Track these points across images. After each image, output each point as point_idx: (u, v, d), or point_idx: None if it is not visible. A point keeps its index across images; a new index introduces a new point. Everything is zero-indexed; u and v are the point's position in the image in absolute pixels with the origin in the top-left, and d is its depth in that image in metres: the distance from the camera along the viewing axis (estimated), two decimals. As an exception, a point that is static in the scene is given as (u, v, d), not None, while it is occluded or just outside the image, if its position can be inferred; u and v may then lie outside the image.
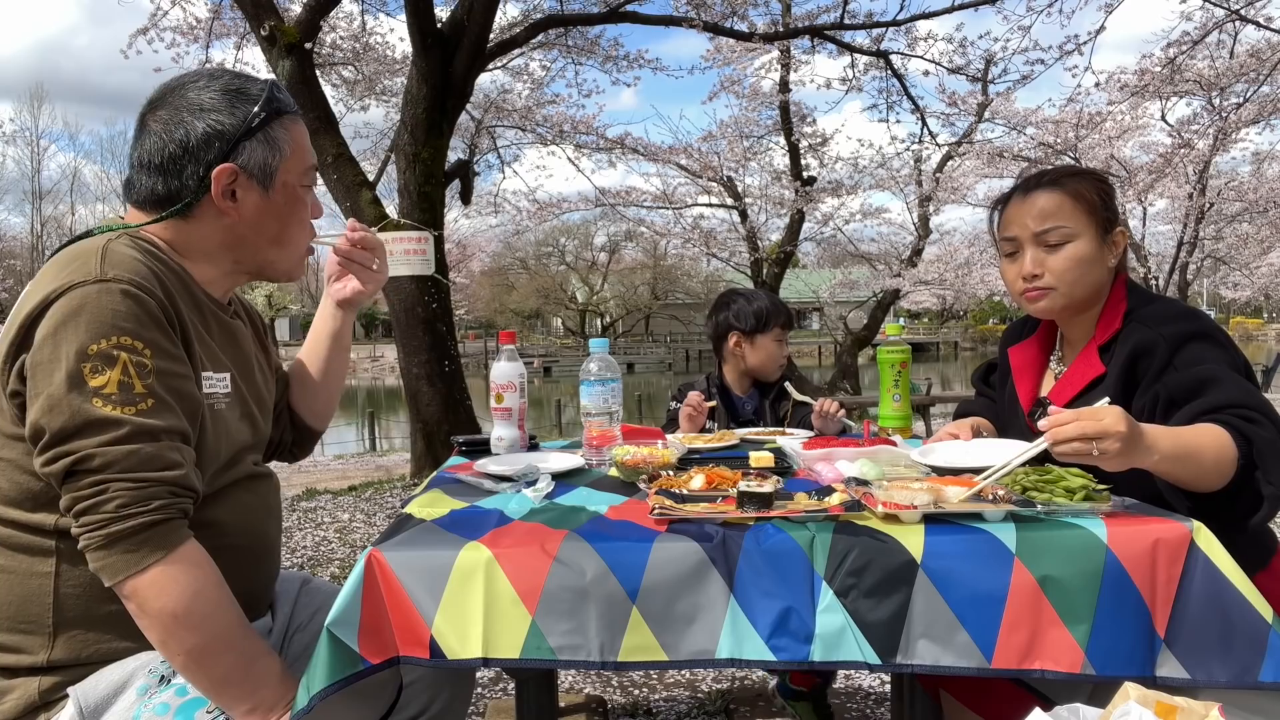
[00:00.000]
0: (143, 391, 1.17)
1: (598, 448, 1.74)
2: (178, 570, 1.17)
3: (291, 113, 1.38)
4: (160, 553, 1.15)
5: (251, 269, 1.42)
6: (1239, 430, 1.39)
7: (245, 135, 1.31)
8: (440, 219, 7.01)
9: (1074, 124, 11.50)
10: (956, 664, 1.15)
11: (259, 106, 1.33)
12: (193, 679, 1.21)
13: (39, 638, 1.23)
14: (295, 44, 6.47)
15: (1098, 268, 1.67)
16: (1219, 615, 1.14)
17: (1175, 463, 1.35)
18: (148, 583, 1.15)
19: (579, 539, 1.20)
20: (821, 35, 9.26)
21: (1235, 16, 7.98)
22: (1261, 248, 16.75)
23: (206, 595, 1.19)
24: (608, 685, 2.83)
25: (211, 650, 1.20)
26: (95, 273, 1.19)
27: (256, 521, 1.42)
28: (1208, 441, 1.38)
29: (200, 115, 1.31)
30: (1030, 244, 1.69)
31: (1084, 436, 1.27)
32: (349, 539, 5.10)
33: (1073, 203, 1.67)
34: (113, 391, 1.15)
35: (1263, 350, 36.18)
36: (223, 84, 1.34)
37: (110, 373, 1.15)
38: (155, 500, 1.16)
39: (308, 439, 1.72)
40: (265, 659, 1.25)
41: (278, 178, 1.35)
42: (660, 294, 48.06)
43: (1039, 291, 1.69)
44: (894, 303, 17.73)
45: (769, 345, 2.51)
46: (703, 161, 14.21)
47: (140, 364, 1.18)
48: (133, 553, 1.14)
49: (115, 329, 1.17)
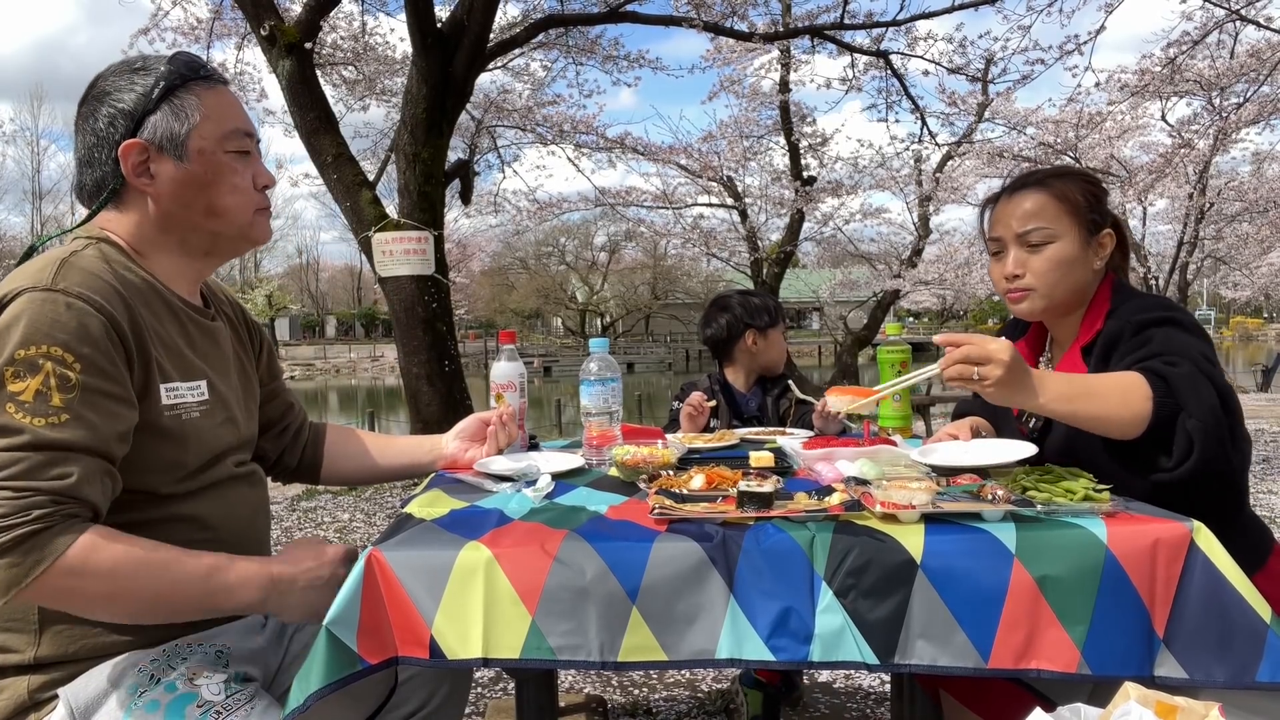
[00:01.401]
0: (59, 405, 1.13)
1: (598, 448, 1.74)
2: (76, 565, 1.11)
3: (203, 79, 1.34)
4: (45, 562, 1.09)
5: (201, 249, 1.39)
6: (1155, 371, 1.39)
7: (148, 110, 1.30)
8: (440, 219, 7.01)
9: (1074, 124, 11.50)
10: (954, 664, 1.15)
11: (159, 78, 1.31)
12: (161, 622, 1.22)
13: (25, 635, 1.23)
14: (295, 44, 6.47)
15: (1080, 269, 1.67)
16: (1218, 615, 1.14)
17: (1070, 402, 1.35)
18: (51, 591, 1.12)
19: (579, 539, 1.20)
20: (821, 35, 9.27)
21: (1235, 16, 7.97)
22: (1261, 248, 16.74)
23: (120, 571, 1.14)
24: (608, 685, 2.83)
25: (160, 604, 1.18)
26: (46, 281, 1.18)
27: (242, 518, 1.42)
28: (1113, 383, 1.39)
29: (104, 99, 1.31)
30: (1013, 244, 1.70)
31: (968, 360, 1.29)
32: (349, 539, 5.10)
33: (1056, 203, 1.67)
34: (27, 400, 1.12)
35: (1263, 350, 36.16)
36: (125, 65, 1.34)
37: (30, 380, 1.12)
38: (34, 510, 1.09)
39: (310, 479, 1.74)
40: (220, 575, 1.21)
41: (190, 145, 1.31)
42: (660, 294, 48.06)
43: (1020, 293, 1.70)
44: (894, 303, 17.71)
45: (778, 338, 2.59)
46: (703, 161, 14.21)
47: (64, 377, 1.14)
48: (16, 566, 1.08)
49: (48, 338, 1.14)
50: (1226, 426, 1.37)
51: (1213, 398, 1.37)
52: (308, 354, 46.62)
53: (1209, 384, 1.39)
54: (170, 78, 1.31)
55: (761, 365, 2.60)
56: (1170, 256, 14.51)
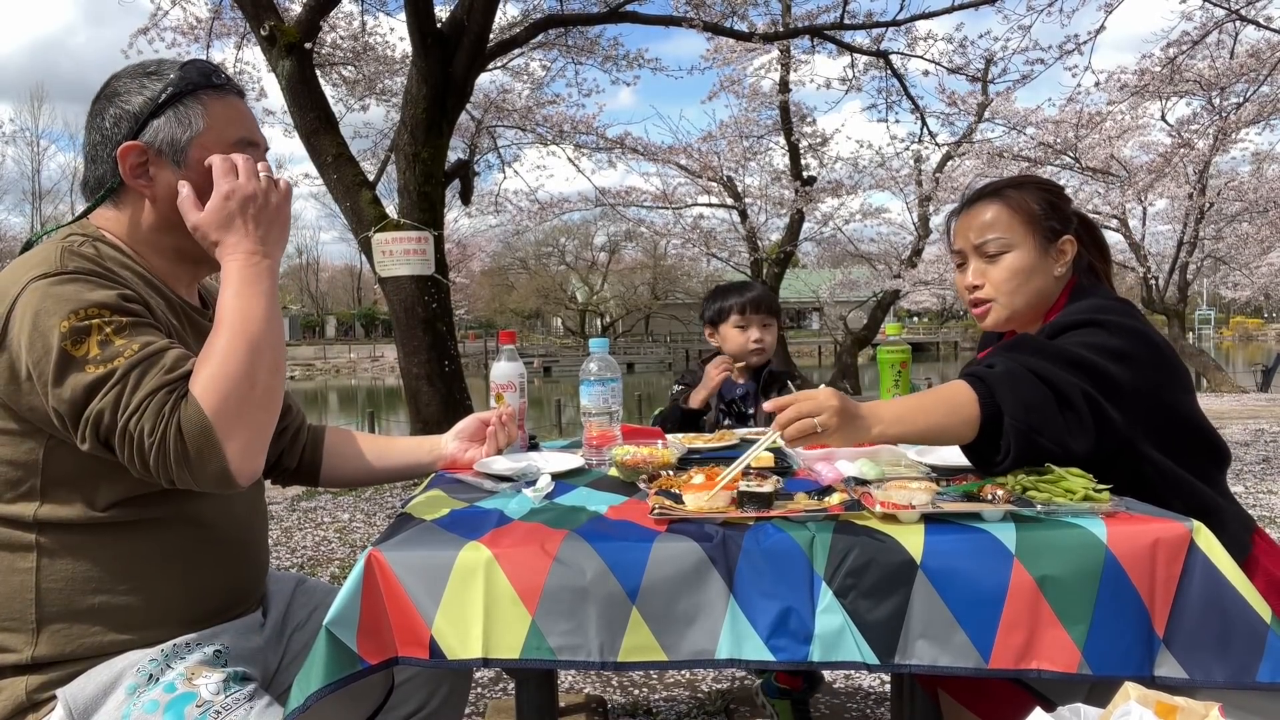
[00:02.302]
0: (121, 344, 1.19)
1: (598, 448, 1.74)
2: (205, 414, 1.17)
3: (214, 88, 1.35)
4: (201, 429, 1.16)
5: (191, 256, 1.39)
6: (975, 375, 1.43)
7: (153, 113, 1.31)
8: (440, 219, 7.01)
9: (1074, 124, 11.51)
10: (954, 664, 1.15)
11: (167, 84, 1.32)
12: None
13: (23, 635, 1.23)
14: (295, 44, 6.47)
15: (1039, 277, 1.69)
16: (1218, 615, 1.14)
17: (902, 424, 1.41)
18: (241, 435, 1.18)
19: (579, 539, 1.19)
20: (821, 35, 9.27)
21: (1235, 16, 7.98)
22: (1261, 248, 16.76)
23: (219, 381, 1.19)
24: (608, 685, 2.83)
25: (261, 343, 1.23)
26: (54, 268, 1.22)
27: (239, 517, 1.42)
28: (942, 394, 1.44)
29: (113, 100, 1.33)
30: (973, 255, 1.73)
31: (801, 415, 1.35)
32: (349, 539, 5.10)
33: (1010, 213, 1.69)
34: (96, 353, 1.17)
35: (1262, 350, 36.15)
36: (137, 68, 1.36)
37: (88, 340, 1.18)
38: (164, 407, 1.16)
39: (309, 481, 1.74)
40: (246, 295, 1.27)
41: (190, 153, 1.32)
42: (660, 294, 48.07)
43: (983, 306, 1.73)
44: (894, 303, 17.74)
45: (729, 331, 2.64)
46: (702, 161, 14.23)
47: (116, 324, 1.20)
48: (204, 450, 1.16)
49: (81, 306, 1.19)
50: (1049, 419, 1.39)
51: (1029, 393, 1.40)
52: (308, 354, 46.62)
53: (1031, 379, 1.41)
54: (179, 84, 1.32)
55: (730, 355, 2.66)
56: (1170, 256, 14.54)
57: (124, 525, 1.26)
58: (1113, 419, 1.44)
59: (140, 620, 1.27)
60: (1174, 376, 1.57)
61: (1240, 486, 6.09)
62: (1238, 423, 9.90)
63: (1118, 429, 1.45)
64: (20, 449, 1.23)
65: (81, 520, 1.24)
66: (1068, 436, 1.40)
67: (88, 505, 1.24)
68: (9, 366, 1.20)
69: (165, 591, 1.29)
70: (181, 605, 1.31)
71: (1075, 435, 1.41)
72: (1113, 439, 1.45)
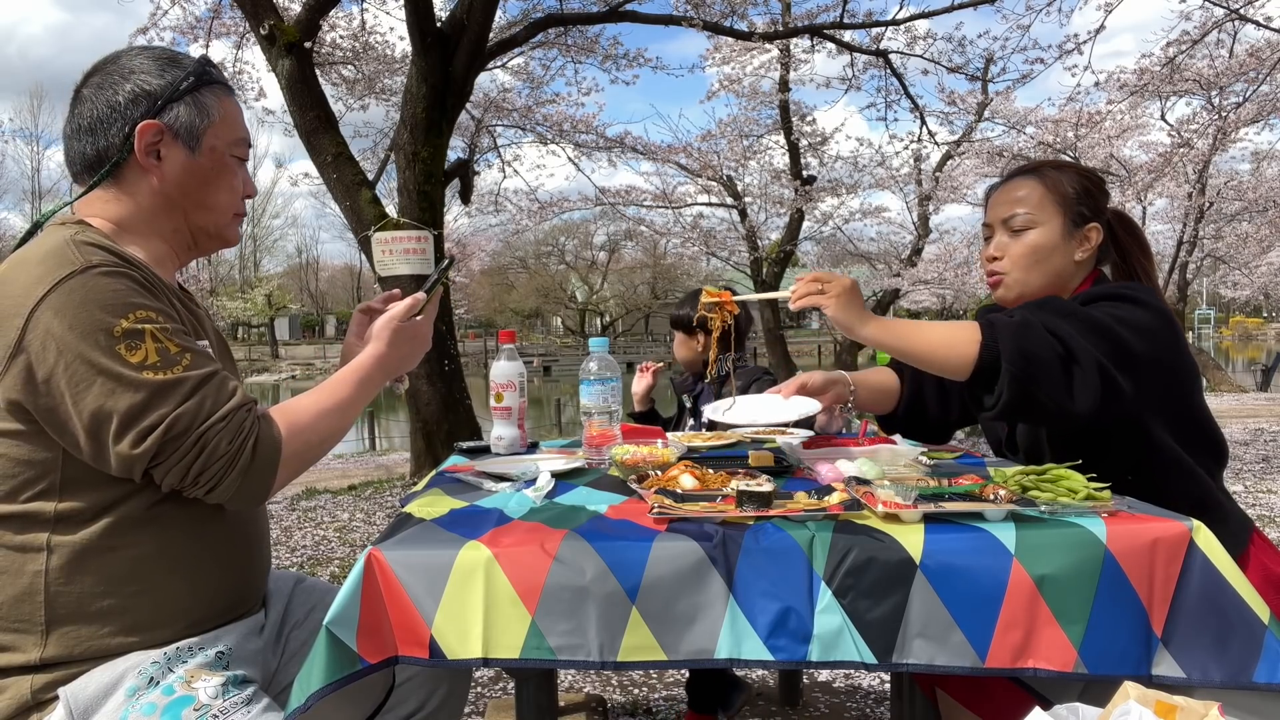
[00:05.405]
0: (178, 350, 1.23)
1: (597, 447, 1.74)
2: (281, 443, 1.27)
3: (224, 86, 1.42)
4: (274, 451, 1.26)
5: (185, 240, 1.42)
6: (990, 321, 1.47)
7: (173, 98, 1.34)
8: (440, 218, 7.01)
9: (1073, 123, 11.50)
10: (951, 663, 1.15)
11: (189, 72, 1.36)
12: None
13: (32, 636, 1.23)
14: (295, 43, 6.47)
15: (1058, 258, 1.68)
16: (1216, 615, 1.14)
17: (895, 336, 1.51)
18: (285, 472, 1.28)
19: (578, 538, 1.20)
20: (821, 34, 9.27)
21: (1235, 16, 7.97)
22: (1261, 247, 16.73)
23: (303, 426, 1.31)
24: (608, 685, 2.83)
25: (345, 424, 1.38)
26: (79, 263, 1.21)
27: (244, 518, 1.42)
28: (945, 329, 1.53)
29: (130, 77, 1.34)
30: (999, 228, 1.74)
31: (816, 278, 1.52)
32: (349, 538, 5.10)
33: (1043, 191, 1.69)
34: (156, 360, 1.21)
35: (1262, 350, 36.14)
36: (156, 53, 1.39)
37: (144, 345, 1.21)
38: (245, 423, 1.24)
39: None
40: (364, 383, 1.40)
41: (204, 141, 1.37)
42: (660, 293, 47.99)
43: (996, 277, 1.74)
44: (894, 302, 17.74)
45: (680, 338, 2.90)
46: (702, 160, 14.20)
47: (162, 329, 1.23)
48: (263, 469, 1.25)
49: (127, 305, 1.21)
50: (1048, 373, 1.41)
51: (1035, 344, 1.42)
52: (307, 353, 46.56)
53: (1042, 333, 1.44)
54: (201, 76, 1.38)
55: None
56: (1170, 256, 14.51)
57: (133, 527, 1.26)
58: (1123, 389, 1.44)
59: (147, 621, 1.27)
60: (1190, 368, 1.59)
61: (1239, 486, 6.09)
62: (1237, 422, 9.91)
63: (1126, 401, 1.46)
64: (39, 448, 1.22)
65: (96, 516, 1.24)
66: (1066, 396, 1.42)
67: (102, 504, 1.24)
68: (25, 368, 1.18)
69: (172, 593, 1.29)
70: (188, 606, 1.31)
71: (1076, 396, 1.42)
72: (1119, 408, 1.46)
